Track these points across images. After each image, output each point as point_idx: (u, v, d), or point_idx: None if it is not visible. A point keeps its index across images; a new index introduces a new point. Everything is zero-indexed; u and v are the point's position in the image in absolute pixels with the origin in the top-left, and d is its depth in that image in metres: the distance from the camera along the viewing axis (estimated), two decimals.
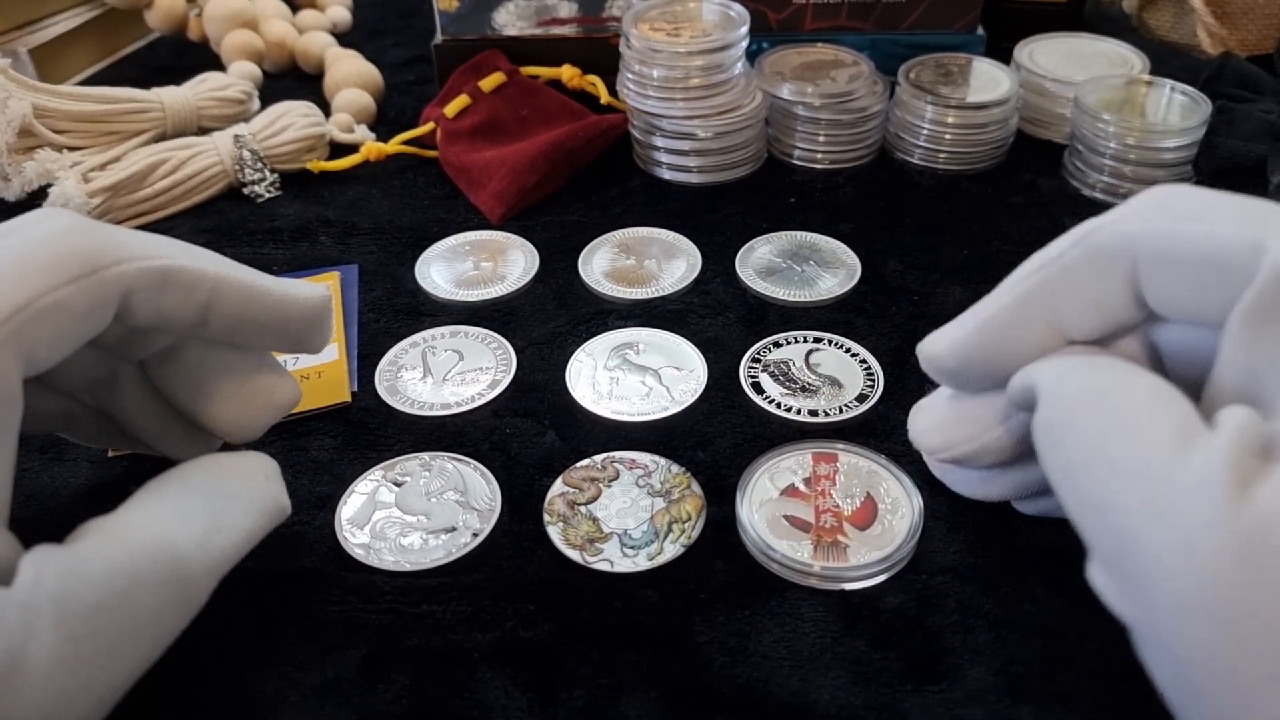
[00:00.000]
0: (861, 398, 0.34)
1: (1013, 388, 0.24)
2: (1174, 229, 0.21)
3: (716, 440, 0.33)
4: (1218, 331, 0.21)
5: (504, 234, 0.45)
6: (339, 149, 0.52)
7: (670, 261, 0.42)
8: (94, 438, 0.30)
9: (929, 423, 0.28)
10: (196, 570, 0.23)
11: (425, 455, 0.33)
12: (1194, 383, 0.22)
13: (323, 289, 0.28)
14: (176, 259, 0.24)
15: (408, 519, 0.30)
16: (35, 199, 0.46)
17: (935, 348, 0.25)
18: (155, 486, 0.24)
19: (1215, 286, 0.20)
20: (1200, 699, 0.19)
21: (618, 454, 0.32)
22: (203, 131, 0.51)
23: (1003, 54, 0.53)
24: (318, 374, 0.36)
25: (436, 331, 0.39)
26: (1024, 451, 0.25)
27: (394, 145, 0.50)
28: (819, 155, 0.49)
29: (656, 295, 0.40)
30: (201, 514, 0.24)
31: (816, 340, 0.37)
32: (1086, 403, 0.21)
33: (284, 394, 0.28)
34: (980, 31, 0.54)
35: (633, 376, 0.36)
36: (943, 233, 0.44)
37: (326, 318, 0.28)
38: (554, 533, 0.30)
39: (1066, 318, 0.23)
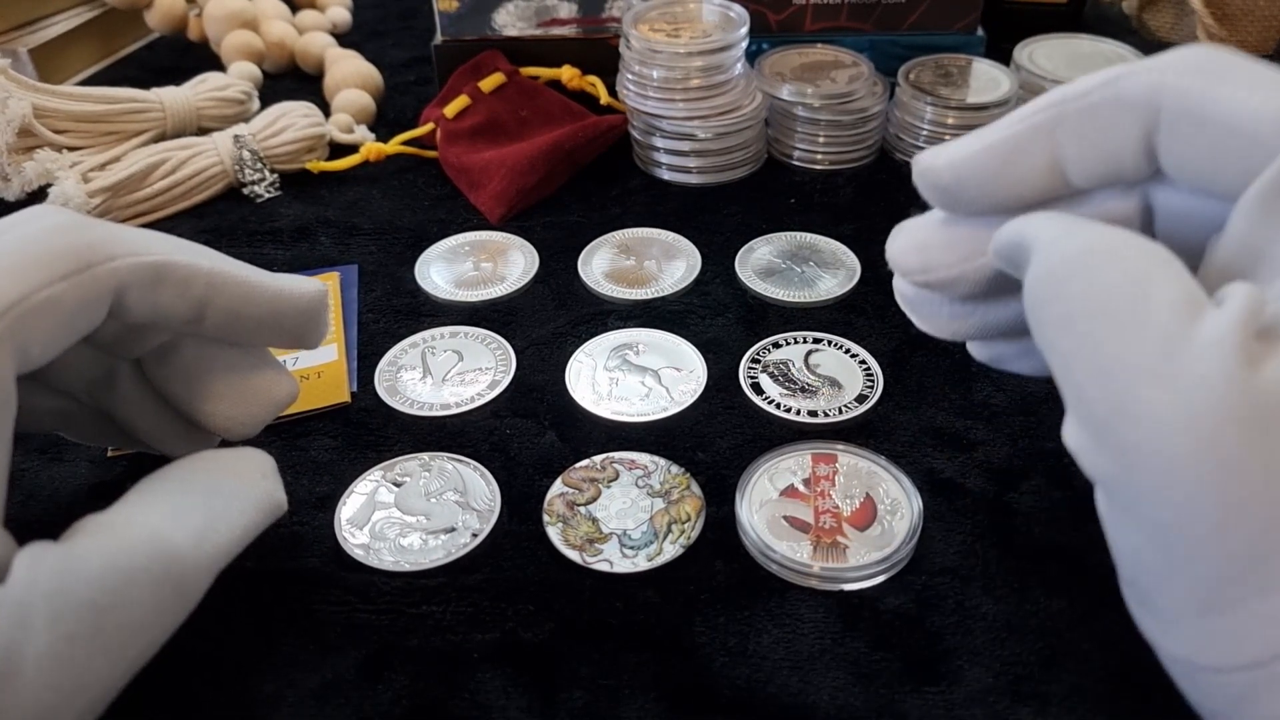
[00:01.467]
0: (861, 398, 0.34)
1: (1000, 240, 0.23)
2: (1207, 89, 0.20)
3: (716, 441, 0.33)
4: (1224, 205, 0.20)
5: (504, 234, 0.45)
6: (339, 149, 0.52)
7: (670, 262, 0.42)
8: (92, 436, 0.30)
9: (910, 243, 0.26)
10: (192, 567, 0.23)
11: (425, 455, 0.33)
12: (1183, 254, 0.21)
13: (318, 284, 0.28)
14: (171, 255, 0.24)
15: (407, 519, 0.30)
16: (35, 199, 0.46)
17: (934, 161, 0.24)
18: (151, 483, 0.24)
19: (1237, 156, 0.20)
20: (1170, 565, 0.19)
21: (617, 454, 0.32)
22: (202, 132, 0.51)
23: (1003, 55, 0.53)
24: (317, 374, 0.36)
25: (436, 332, 0.39)
26: (997, 288, 0.25)
27: (394, 146, 0.50)
28: (819, 156, 0.49)
29: (656, 296, 0.40)
30: (197, 511, 0.24)
31: (816, 341, 0.37)
32: (1095, 259, 0.20)
33: (282, 390, 0.28)
34: (980, 32, 0.54)
35: (632, 377, 0.36)
36: None
37: (323, 312, 0.28)
38: (553, 533, 0.30)
39: (1072, 159, 0.22)
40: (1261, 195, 0.19)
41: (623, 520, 0.30)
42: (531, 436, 0.34)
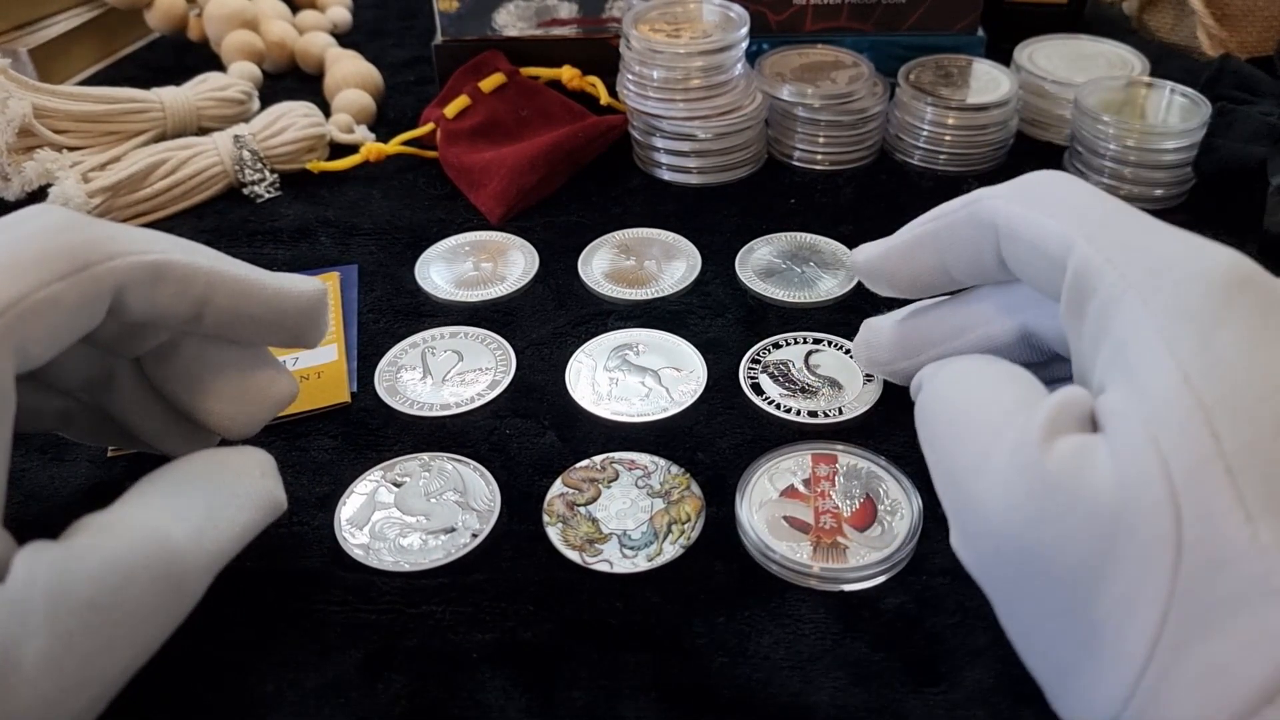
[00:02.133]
0: (861, 399, 0.34)
1: (913, 383, 0.29)
2: (1023, 213, 0.25)
3: (716, 441, 0.33)
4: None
5: (504, 234, 0.45)
6: (339, 149, 0.52)
7: (670, 262, 0.42)
8: (92, 436, 0.30)
9: (862, 341, 0.34)
10: (191, 566, 0.23)
11: (425, 456, 0.33)
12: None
13: (318, 282, 0.28)
14: (170, 253, 0.24)
15: (407, 519, 0.30)
16: (35, 199, 0.46)
17: (857, 258, 0.31)
18: (150, 482, 0.24)
19: (1046, 268, 0.24)
20: (1022, 646, 0.22)
21: (617, 455, 0.32)
22: (203, 132, 0.51)
23: (1003, 55, 0.53)
24: (317, 374, 0.36)
25: (436, 332, 0.39)
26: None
27: (394, 146, 0.50)
28: (819, 156, 0.49)
29: (656, 296, 0.40)
30: (196, 509, 0.24)
31: (816, 341, 0.37)
32: (947, 390, 0.25)
33: (281, 390, 0.28)
34: (980, 33, 0.54)
35: (632, 377, 0.36)
36: None
37: (323, 311, 0.28)
38: (553, 533, 0.30)
39: (949, 262, 0.28)
40: (1064, 309, 0.23)
41: (623, 520, 0.30)
42: (531, 437, 0.34)
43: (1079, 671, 0.20)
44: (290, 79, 0.62)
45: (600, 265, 0.42)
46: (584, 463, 0.32)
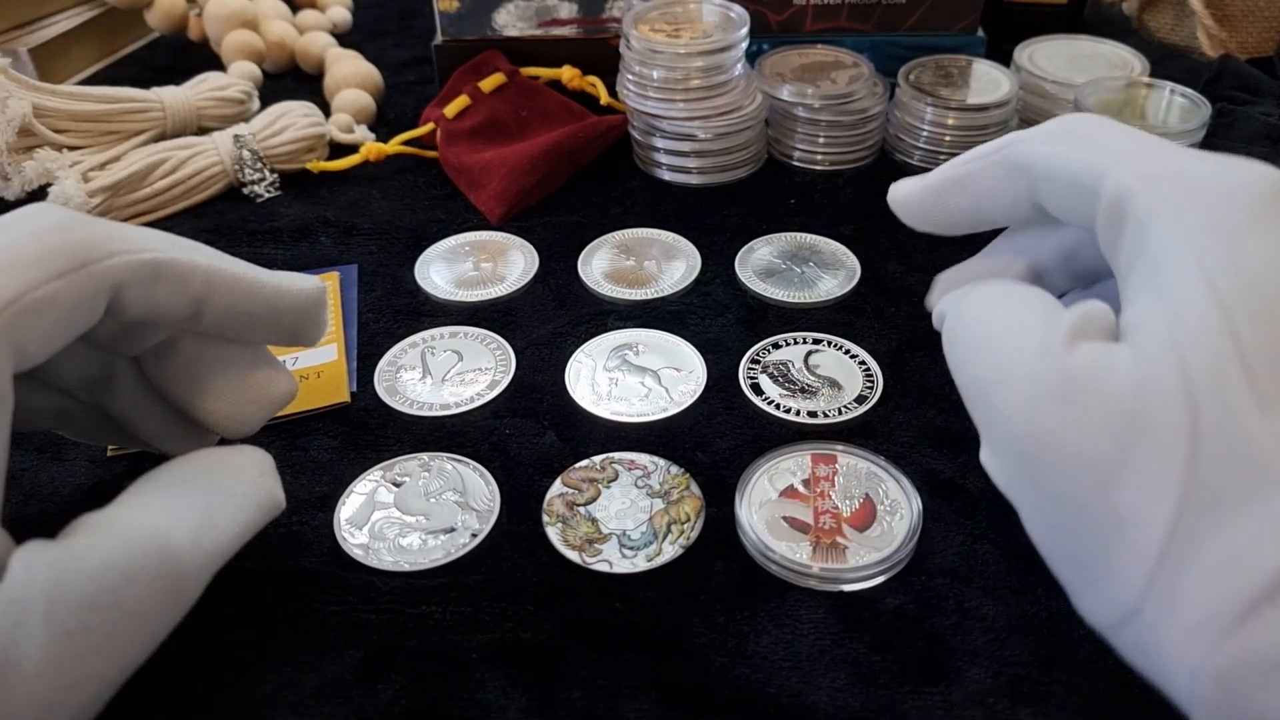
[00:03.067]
0: (861, 399, 0.34)
1: (936, 315, 0.29)
2: (1056, 153, 0.25)
3: (716, 441, 0.33)
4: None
5: (504, 234, 0.45)
6: (339, 149, 0.52)
7: (670, 262, 0.42)
8: (91, 435, 0.30)
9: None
10: (190, 565, 0.23)
11: (424, 455, 0.33)
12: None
13: (317, 281, 0.28)
14: (167, 252, 0.24)
15: (407, 519, 0.30)
16: (35, 198, 0.46)
17: (896, 194, 0.31)
18: (148, 481, 0.24)
19: (1082, 202, 0.24)
20: (1047, 550, 0.23)
21: (617, 455, 0.32)
22: (203, 131, 0.51)
23: (1003, 56, 0.53)
24: (317, 374, 0.36)
25: (436, 332, 0.39)
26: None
27: (394, 146, 0.50)
28: (819, 156, 0.49)
29: (656, 296, 0.40)
30: (195, 509, 0.24)
31: (816, 342, 0.37)
32: (971, 313, 0.26)
33: (280, 388, 0.28)
34: (980, 33, 0.54)
35: (632, 377, 0.36)
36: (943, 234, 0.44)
37: (321, 309, 0.28)
38: (553, 533, 0.30)
39: (984, 205, 0.28)
40: (1102, 238, 0.24)
41: (622, 520, 0.30)
42: (531, 437, 0.34)
43: (1100, 566, 0.21)
44: (290, 79, 0.62)
45: (600, 265, 0.42)
46: (583, 463, 0.32)
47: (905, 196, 0.31)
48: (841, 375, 0.36)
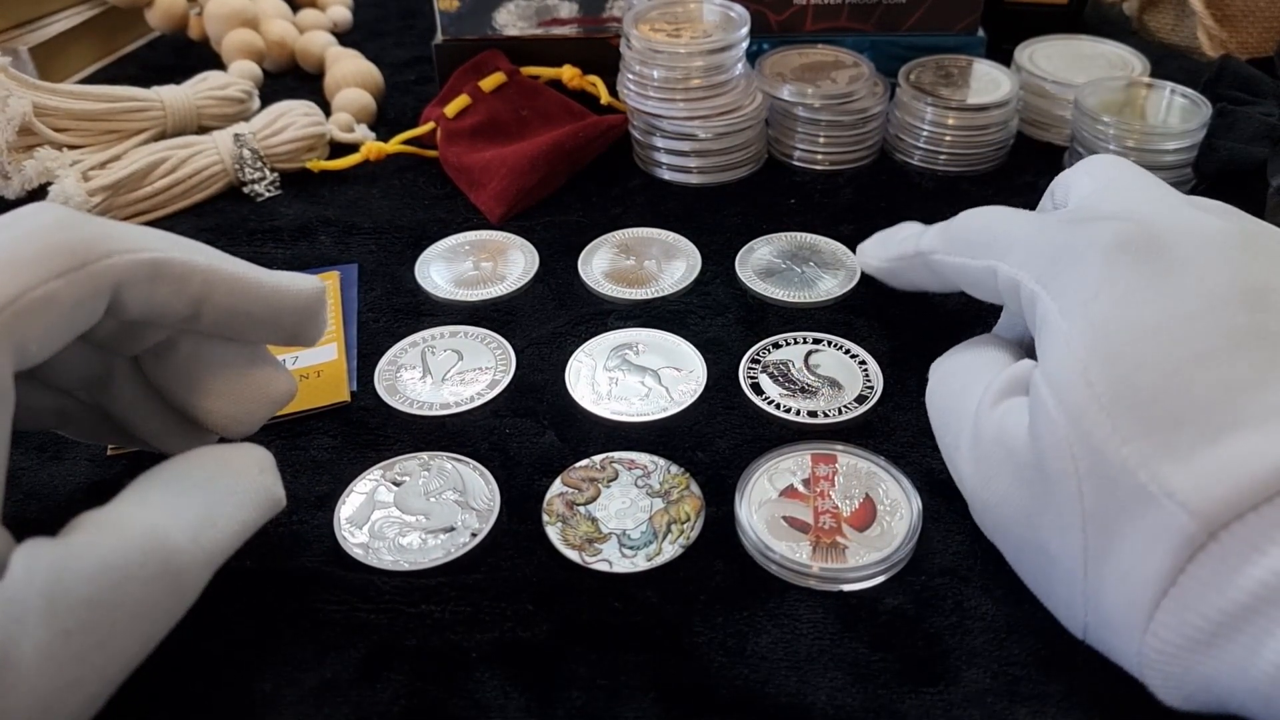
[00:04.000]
0: (861, 399, 0.34)
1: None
2: (956, 264, 0.31)
3: (716, 441, 0.33)
4: None
5: (504, 234, 0.45)
6: (339, 148, 0.52)
7: (670, 262, 0.42)
8: (90, 434, 0.30)
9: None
10: (189, 563, 0.23)
11: (424, 455, 0.33)
12: None
13: (317, 281, 0.28)
14: (167, 251, 0.24)
15: (406, 519, 0.30)
16: (35, 197, 0.46)
17: (861, 259, 0.40)
18: (148, 479, 0.24)
19: (984, 290, 0.30)
20: (1023, 575, 0.27)
21: (617, 454, 0.32)
22: (203, 130, 0.51)
23: (1003, 56, 0.53)
24: (317, 373, 0.36)
25: (436, 331, 0.39)
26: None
27: (394, 145, 0.50)
28: (819, 156, 0.49)
29: (656, 296, 0.40)
30: (194, 507, 0.24)
31: (816, 341, 0.37)
32: (939, 381, 0.32)
33: (279, 388, 0.28)
34: (980, 33, 0.54)
35: (632, 377, 0.36)
36: None
37: (321, 309, 0.28)
38: (553, 533, 0.30)
39: (925, 284, 0.36)
40: (1012, 310, 0.29)
41: (622, 520, 0.30)
42: (531, 436, 0.34)
43: (1052, 593, 0.25)
44: (290, 78, 0.62)
45: (600, 265, 0.42)
46: (583, 462, 0.32)
47: (869, 268, 0.39)
48: (841, 375, 0.36)
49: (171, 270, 0.24)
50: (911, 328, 0.38)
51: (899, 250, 0.35)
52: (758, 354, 0.37)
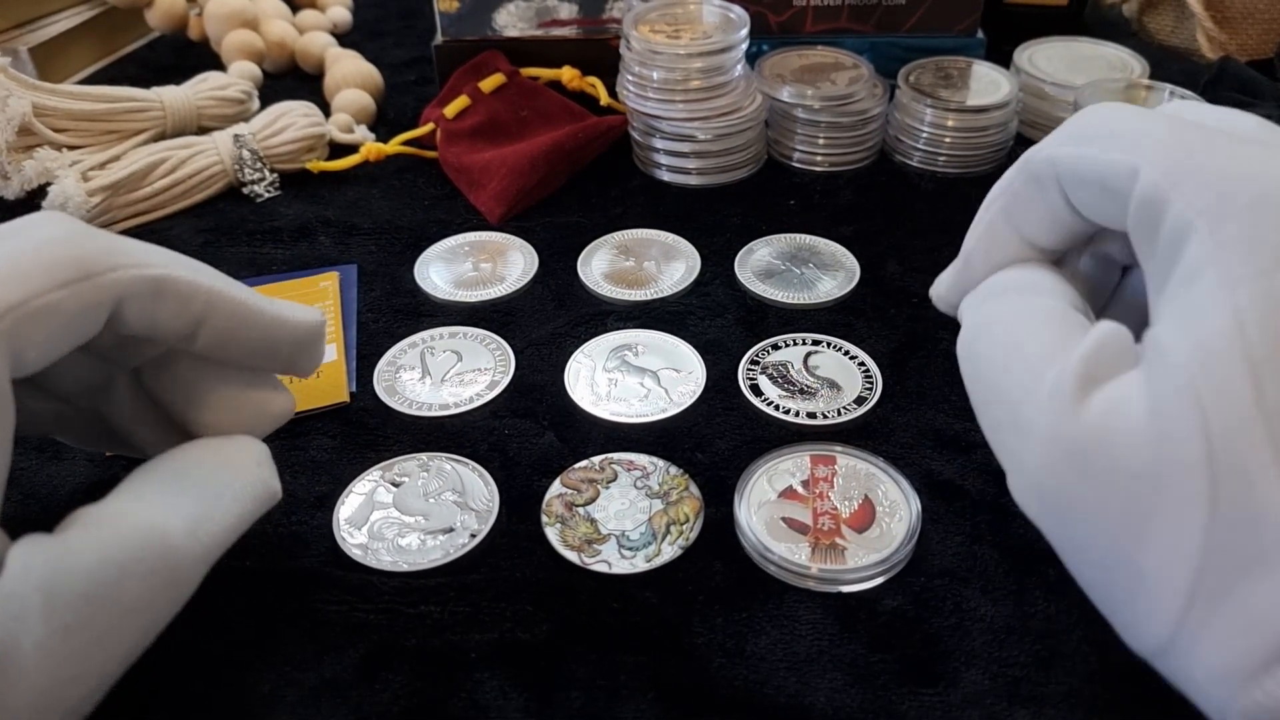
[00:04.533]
0: (860, 400, 0.34)
1: (959, 311, 0.27)
2: (1078, 153, 0.23)
3: (715, 442, 0.33)
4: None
5: (503, 235, 0.45)
6: (339, 149, 0.52)
7: (669, 263, 0.42)
8: (88, 441, 0.30)
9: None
10: (186, 558, 0.23)
11: (423, 456, 0.33)
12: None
13: (318, 313, 0.28)
14: (172, 269, 0.24)
15: (406, 519, 0.30)
16: (35, 197, 0.46)
17: (939, 289, 0.29)
18: (144, 474, 0.24)
19: (1114, 203, 0.23)
20: (1078, 578, 0.23)
21: (616, 455, 0.32)
22: (202, 131, 0.51)
23: (1003, 57, 0.53)
24: (316, 374, 0.36)
25: (435, 332, 0.39)
26: None
27: (394, 146, 0.50)
28: (819, 158, 0.49)
29: (656, 297, 0.40)
30: (191, 501, 0.24)
31: (815, 343, 0.37)
32: (982, 332, 0.25)
33: (278, 406, 0.28)
34: (980, 35, 0.54)
35: (631, 378, 0.36)
36: (942, 236, 0.44)
37: (318, 343, 0.28)
38: (552, 534, 0.30)
39: (1031, 234, 0.26)
40: (1135, 242, 0.22)
41: (621, 521, 0.30)
42: (530, 437, 0.34)
43: (1127, 608, 0.21)
44: (290, 78, 0.62)
45: (600, 266, 0.42)
46: (583, 463, 0.32)
47: (951, 286, 0.28)
48: (841, 376, 0.36)
49: (175, 288, 0.24)
50: (911, 329, 0.38)
51: (996, 189, 0.26)
52: (757, 355, 0.37)
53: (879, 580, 0.28)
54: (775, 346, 0.37)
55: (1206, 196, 0.20)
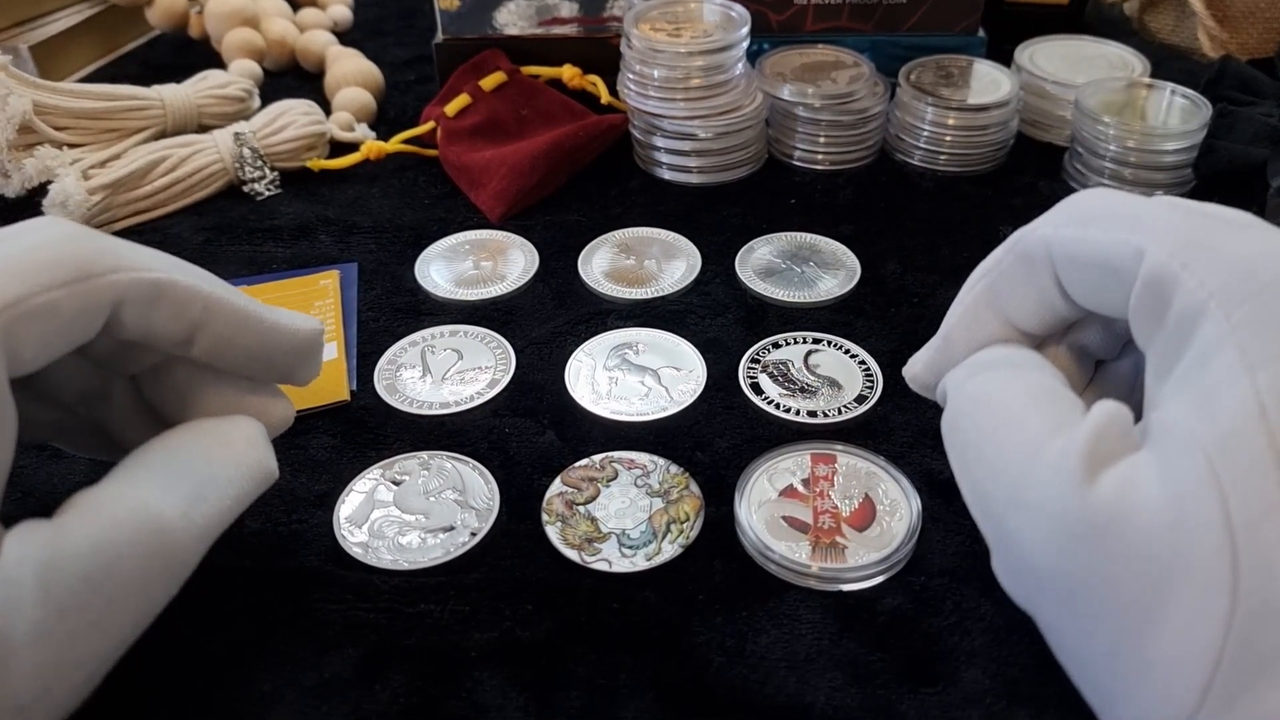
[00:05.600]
0: (860, 399, 0.34)
1: (938, 392, 0.27)
2: (1077, 234, 0.23)
3: (715, 441, 0.33)
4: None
5: (504, 233, 0.45)
6: (339, 147, 0.52)
7: (670, 262, 0.42)
8: (87, 448, 0.30)
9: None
10: (182, 540, 0.23)
11: (424, 454, 0.33)
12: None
13: (316, 323, 0.28)
14: (171, 274, 0.24)
15: (406, 518, 0.30)
16: (35, 195, 0.46)
17: (914, 369, 0.28)
18: (138, 457, 0.24)
19: (1115, 287, 0.22)
20: (1071, 671, 0.22)
21: (616, 454, 0.32)
22: (203, 129, 0.51)
23: (1003, 56, 0.53)
24: None
25: (436, 330, 0.39)
26: None
27: (394, 144, 0.50)
28: (819, 156, 0.49)
29: (656, 295, 0.40)
30: (185, 483, 0.24)
31: (816, 341, 0.37)
32: (974, 406, 0.24)
33: (276, 415, 0.28)
34: (981, 33, 0.54)
35: (632, 376, 0.36)
36: (943, 234, 0.44)
37: (316, 352, 0.28)
38: (552, 532, 0.30)
39: (1015, 316, 0.25)
40: (1136, 322, 0.22)
41: (621, 520, 0.30)
42: (531, 435, 0.34)
43: (1129, 704, 0.20)
44: (291, 77, 0.62)
45: (600, 264, 0.42)
46: (583, 462, 0.32)
47: (928, 365, 0.27)
48: (841, 375, 0.36)
49: (174, 293, 0.24)
50: (911, 328, 0.38)
51: (983, 267, 0.26)
52: (757, 354, 0.37)
53: (879, 579, 0.28)
54: (776, 345, 0.37)
55: (1219, 277, 0.19)
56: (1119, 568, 0.19)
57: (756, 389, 0.35)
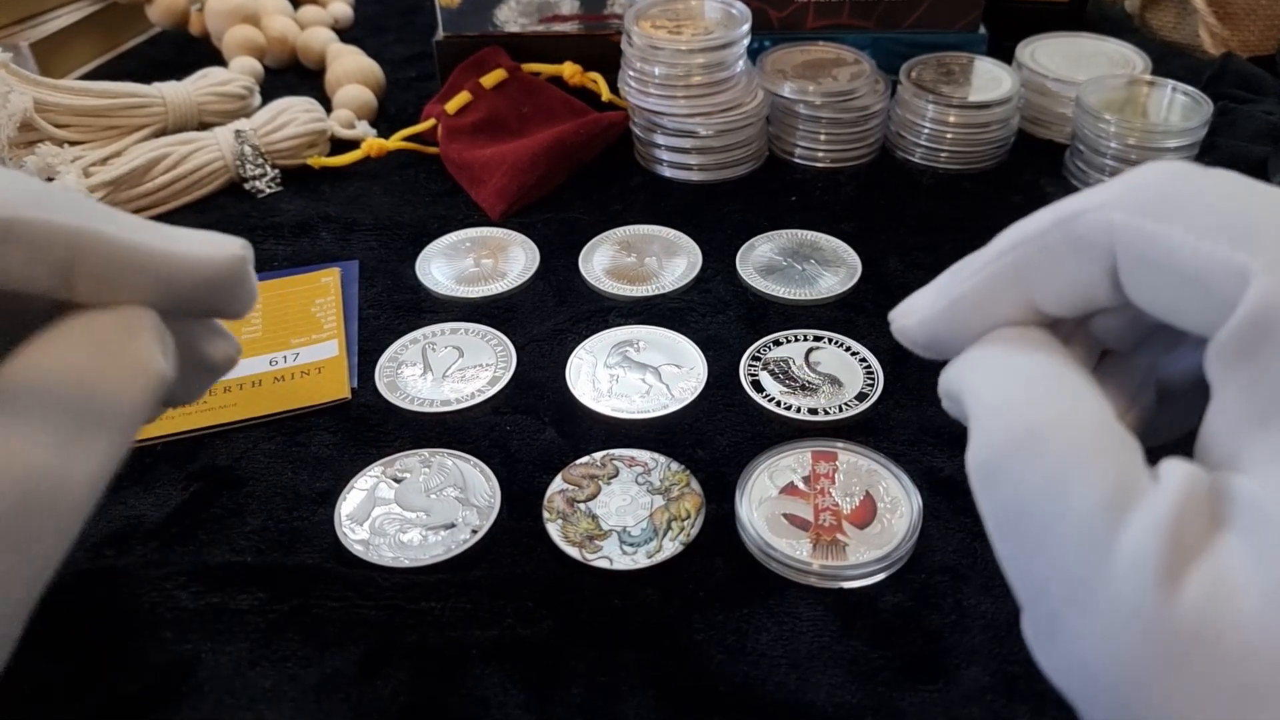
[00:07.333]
0: (861, 396, 0.34)
1: (943, 387, 0.23)
2: (1157, 232, 0.18)
3: (716, 438, 0.33)
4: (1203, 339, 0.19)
5: (505, 231, 0.45)
6: (340, 145, 0.51)
7: (671, 259, 0.42)
8: None
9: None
10: (59, 483, 0.19)
11: (425, 452, 0.33)
12: (1177, 384, 0.21)
13: (234, 246, 0.22)
14: (21, 210, 0.20)
15: (407, 515, 0.30)
16: None
17: (906, 321, 0.23)
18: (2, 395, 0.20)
19: (1196, 302, 0.18)
20: None
21: (617, 451, 0.32)
22: (204, 127, 0.51)
23: (1004, 53, 0.53)
24: (317, 369, 0.36)
25: (437, 328, 0.39)
26: None
27: (395, 141, 0.50)
28: (820, 154, 0.49)
29: (657, 293, 0.40)
30: (54, 412, 0.20)
31: (817, 339, 0.37)
32: (1019, 454, 0.19)
33: (217, 354, 0.24)
34: (982, 31, 0.54)
35: (633, 374, 0.36)
36: (943, 232, 0.44)
37: (235, 282, 0.22)
38: (553, 530, 0.30)
39: (1043, 298, 0.21)
40: (1220, 353, 0.18)
41: (622, 517, 0.30)
42: (531, 433, 0.34)
43: None
44: (291, 74, 0.62)
45: (601, 262, 0.42)
46: (584, 459, 0.32)
47: (925, 322, 0.23)
48: (842, 372, 0.36)
49: (24, 232, 0.20)
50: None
51: (1019, 234, 0.21)
52: (758, 351, 0.37)
53: (880, 576, 0.28)
54: (777, 342, 0.37)
55: None
56: (1209, 688, 0.16)
57: (757, 386, 0.35)
